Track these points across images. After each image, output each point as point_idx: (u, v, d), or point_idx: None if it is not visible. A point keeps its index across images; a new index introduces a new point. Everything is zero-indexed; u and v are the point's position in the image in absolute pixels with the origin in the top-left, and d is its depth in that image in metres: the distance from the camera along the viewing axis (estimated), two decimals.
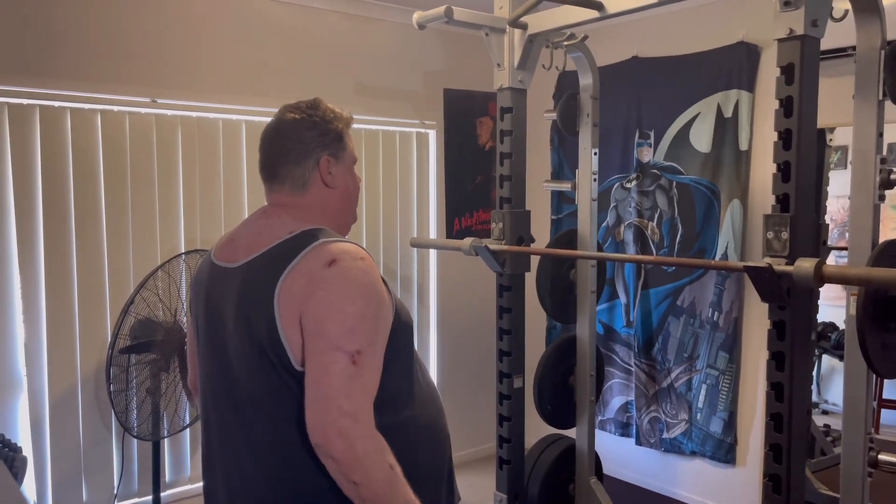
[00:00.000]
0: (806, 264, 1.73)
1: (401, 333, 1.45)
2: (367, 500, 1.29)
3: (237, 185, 3.32)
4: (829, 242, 3.37)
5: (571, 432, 3.06)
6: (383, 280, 1.43)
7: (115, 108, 2.98)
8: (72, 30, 2.87)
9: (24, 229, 2.81)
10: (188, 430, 3.13)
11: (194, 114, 3.18)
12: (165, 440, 3.09)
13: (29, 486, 2.83)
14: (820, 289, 2.76)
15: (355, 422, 1.28)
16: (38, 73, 2.80)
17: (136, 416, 2.85)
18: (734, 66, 3.30)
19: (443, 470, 1.55)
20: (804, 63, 1.79)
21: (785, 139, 1.83)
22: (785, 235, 1.81)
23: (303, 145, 1.48)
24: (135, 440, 3.03)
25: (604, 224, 3.86)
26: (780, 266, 1.78)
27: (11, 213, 2.79)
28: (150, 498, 3.01)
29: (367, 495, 1.29)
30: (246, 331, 1.37)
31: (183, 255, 2.96)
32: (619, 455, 3.88)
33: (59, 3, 2.83)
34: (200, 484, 1.59)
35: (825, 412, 4.11)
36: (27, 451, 2.80)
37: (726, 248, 3.37)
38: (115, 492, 3.05)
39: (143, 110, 3.05)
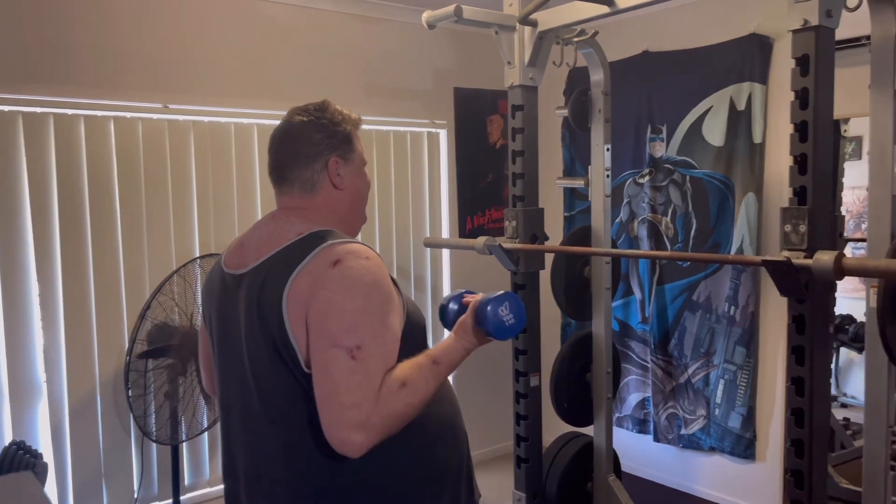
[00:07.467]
0: (825, 257, 1.71)
1: (413, 334, 1.45)
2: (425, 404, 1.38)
3: (250, 188, 3.33)
4: (845, 234, 3.35)
5: (589, 430, 3.05)
6: (393, 280, 1.43)
7: (128, 114, 3.00)
8: (84, 38, 2.89)
9: (40, 236, 2.83)
10: (206, 433, 3.15)
11: (206, 118, 3.19)
12: (184, 444, 3.10)
13: (50, 492, 2.85)
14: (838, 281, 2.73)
15: (359, 410, 1.27)
16: (51, 81, 2.82)
17: (155, 420, 2.87)
18: (746, 58, 3.27)
19: (462, 467, 1.55)
20: (819, 54, 1.78)
21: (801, 131, 1.81)
22: (803, 228, 1.79)
23: (311, 147, 1.48)
24: (154, 444, 3.05)
25: (617, 220, 3.84)
26: (798, 259, 1.76)
27: (28, 220, 2.81)
28: (169, 501, 3.03)
29: (420, 402, 1.37)
30: (259, 334, 1.38)
31: (198, 260, 2.97)
32: (638, 452, 3.86)
33: (71, 13, 2.85)
34: (220, 487, 1.60)
35: (844, 405, 4.07)
36: (48, 456, 2.82)
37: (741, 241, 3.34)
38: (135, 496, 3.07)
39: (155, 116, 3.06)
